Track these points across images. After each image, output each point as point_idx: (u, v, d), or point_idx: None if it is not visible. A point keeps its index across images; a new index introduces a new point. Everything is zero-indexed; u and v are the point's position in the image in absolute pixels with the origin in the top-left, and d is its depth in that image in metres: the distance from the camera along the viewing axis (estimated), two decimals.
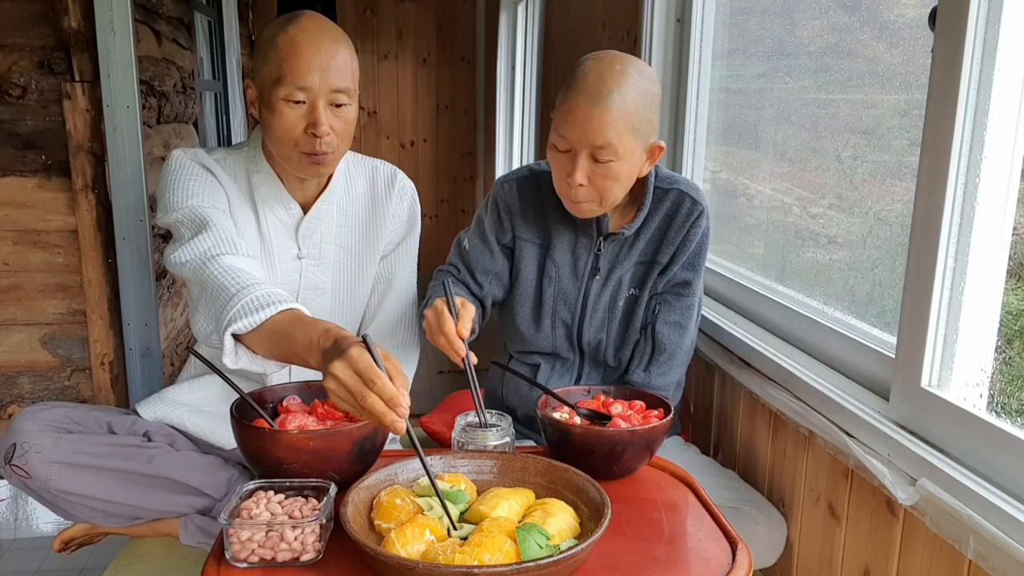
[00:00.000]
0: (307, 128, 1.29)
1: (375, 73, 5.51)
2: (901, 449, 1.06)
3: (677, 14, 2.00)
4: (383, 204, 1.52)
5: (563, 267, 1.49)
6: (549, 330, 1.52)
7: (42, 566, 2.22)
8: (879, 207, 1.36)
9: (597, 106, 1.26)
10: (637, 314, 1.49)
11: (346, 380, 0.93)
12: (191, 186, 1.35)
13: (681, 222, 1.43)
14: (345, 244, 1.51)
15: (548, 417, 1.21)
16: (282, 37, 1.27)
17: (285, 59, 1.26)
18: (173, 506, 1.37)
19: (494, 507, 1.01)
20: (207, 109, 3.70)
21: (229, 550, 0.95)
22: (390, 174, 1.55)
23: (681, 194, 1.44)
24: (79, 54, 2.05)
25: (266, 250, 1.43)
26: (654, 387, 1.47)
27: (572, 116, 1.28)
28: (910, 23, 1.27)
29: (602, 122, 1.26)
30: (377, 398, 0.92)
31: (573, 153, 1.31)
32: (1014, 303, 1.08)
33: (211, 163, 1.39)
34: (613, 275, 1.48)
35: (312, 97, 1.28)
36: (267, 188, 1.41)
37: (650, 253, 1.47)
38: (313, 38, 1.27)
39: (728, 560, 0.99)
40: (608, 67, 1.28)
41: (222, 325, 1.14)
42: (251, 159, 1.42)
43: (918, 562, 1.06)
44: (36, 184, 2.14)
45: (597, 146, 1.28)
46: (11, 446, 1.29)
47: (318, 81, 1.27)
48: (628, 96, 1.27)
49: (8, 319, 2.21)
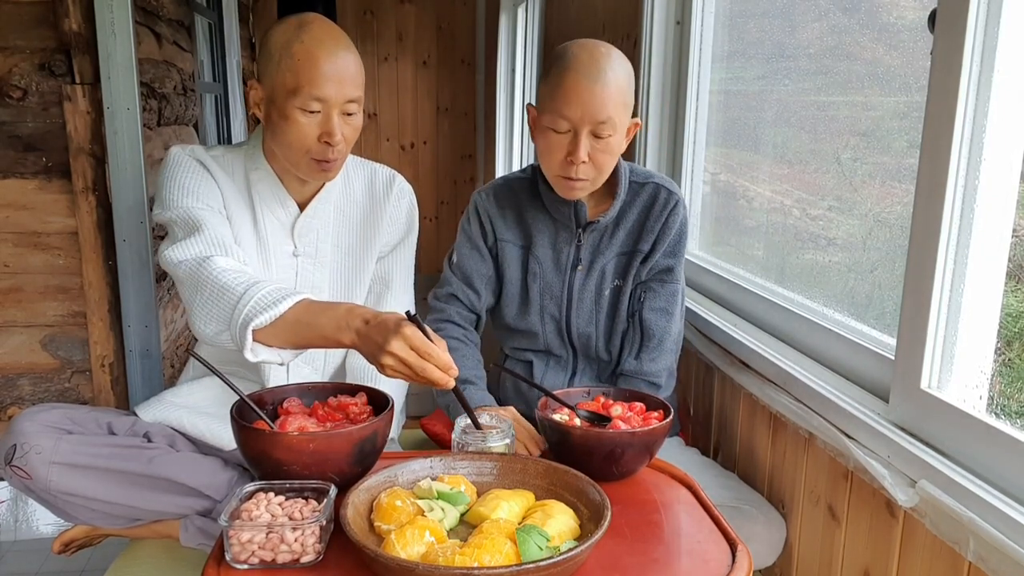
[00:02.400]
0: (321, 137, 1.32)
1: (375, 75, 5.52)
2: (901, 451, 1.06)
3: (677, 16, 2.01)
4: (381, 205, 1.54)
5: (545, 262, 1.53)
6: (539, 326, 1.54)
7: (42, 568, 2.22)
8: (879, 209, 1.36)
9: (597, 82, 1.33)
10: (623, 305, 1.52)
11: (406, 357, 1.09)
12: (187, 184, 1.37)
13: (659, 211, 1.49)
14: (342, 244, 1.52)
15: (548, 419, 1.21)
16: (297, 47, 1.29)
17: (302, 69, 1.29)
18: (173, 507, 1.37)
19: (494, 509, 1.01)
20: (207, 111, 3.71)
21: (229, 551, 0.95)
22: (388, 177, 1.57)
23: (657, 186, 1.50)
24: (80, 56, 2.05)
25: (262, 247, 1.45)
26: (646, 373, 1.50)
27: (575, 95, 1.33)
28: (909, 25, 1.27)
29: (604, 97, 1.33)
30: (434, 367, 1.10)
31: (573, 132, 1.36)
32: (1014, 305, 1.08)
33: (208, 159, 1.41)
34: (596, 265, 1.51)
35: (327, 107, 1.31)
36: (265, 186, 1.43)
37: (630, 244, 1.51)
38: (329, 50, 1.30)
39: (728, 561, 0.99)
40: (595, 48, 1.37)
41: (237, 323, 1.19)
42: (250, 157, 1.44)
43: (918, 564, 1.06)
44: (37, 186, 2.14)
45: (599, 121, 1.34)
46: (11, 447, 1.29)
47: (334, 92, 1.30)
48: (620, 73, 1.36)
49: (8, 321, 2.21)
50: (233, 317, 1.20)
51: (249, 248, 1.43)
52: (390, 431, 1.21)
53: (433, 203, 5.82)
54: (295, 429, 1.12)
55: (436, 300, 1.60)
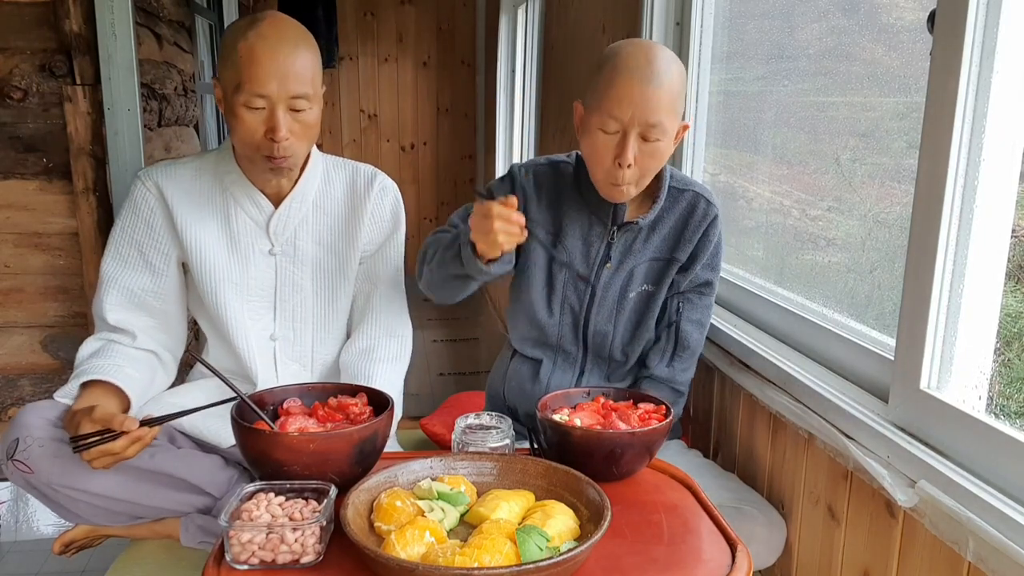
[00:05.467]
0: (266, 133, 1.32)
1: (375, 76, 5.52)
2: (900, 451, 1.06)
3: (676, 17, 2.01)
4: (362, 202, 1.53)
5: (574, 253, 1.51)
6: (557, 316, 1.53)
7: (42, 568, 2.22)
8: (878, 209, 1.36)
9: (650, 85, 1.30)
10: (651, 311, 1.51)
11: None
12: (128, 228, 1.46)
13: (698, 222, 1.48)
14: (324, 242, 1.52)
15: (548, 419, 1.21)
16: (242, 44, 1.29)
17: (244, 66, 1.29)
18: (174, 504, 1.37)
19: (494, 509, 1.01)
20: (208, 112, 3.71)
21: (229, 552, 0.95)
22: (370, 174, 1.56)
23: (696, 195, 1.49)
24: (80, 57, 2.05)
25: (234, 246, 1.45)
26: (677, 382, 1.52)
27: (628, 96, 1.31)
28: (909, 26, 1.27)
29: (656, 100, 1.31)
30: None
31: (622, 134, 1.33)
32: (1013, 305, 1.08)
33: (166, 181, 1.44)
34: (625, 265, 1.50)
35: (271, 104, 1.30)
36: (237, 186, 1.45)
37: (666, 250, 1.50)
38: (271, 46, 1.29)
39: (728, 562, 0.99)
40: (651, 50, 1.34)
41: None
42: (222, 159, 1.46)
43: (917, 564, 1.06)
44: (37, 187, 2.15)
45: (650, 124, 1.32)
46: (14, 440, 1.29)
47: (276, 88, 1.29)
48: (674, 76, 1.33)
49: (9, 321, 2.22)
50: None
51: (220, 250, 1.44)
52: (390, 431, 1.21)
53: (433, 204, 5.82)
54: (295, 430, 1.12)
55: (435, 233, 1.54)
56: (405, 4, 5.51)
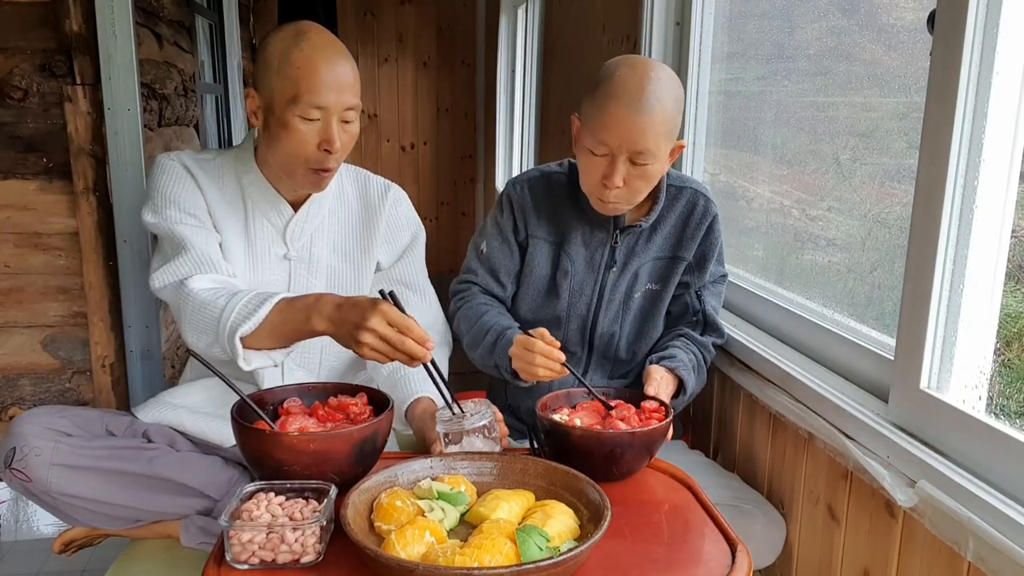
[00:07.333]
0: (320, 144, 1.32)
1: (376, 76, 5.52)
2: (900, 451, 1.06)
3: (676, 17, 2.01)
4: (376, 210, 1.54)
5: (578, 261, 1.52)
6: (564, 324, 1.54)
7: (42, 568, 2.22)
8: (878, 209, 1.36)
9: (639, 113, 1.30)
10: (658, 309, 1.53)
11: (384, 332, 1.12)
12: (170, 192, 1.39)
13: (698, 220, 1.50)
14: (339, 249, 1.52)
15: (548, 419, 1.22)
16: (297, 54, 1.29)
17: (302, 77, 1.29)
18: (174, 507, 1.37)
19: (494, 509, 1.01)
20: (208, 112, 3.71)
21: (229, 552, 0.95)
22: (383, 185, 1.58)
23: (695, 193, 1.51)
24: (80, 57, 2.05)
25: (251, 250, 1.45)
26: (708, 350, 1.53)
27: (614, 124, 1.31)
28: (909, 26, 1.27)
29: (644, 129, 1.30)
30: (412, 341, 1.13)
31: (610, 157, 1.34)
32: (1013, 305, 1.08)
33: (194, 165, 1.42)
34: (629, 267, 1.51)
35: (327, 115, 1.31)
36: (256, 189, 1.44)
37: (669, 249, 1.51)
38: (328, 57, 1.31)
39: (728, 562, 0.99)
40: (645, 75, 1.31)
41: (224, 336, 1.23)
42: (240, 160, 1.45)
43: (917, 564, 1.06)
44: (37, 187, 2.14)
45: (637, 151, 1.32)
46: (11, 450, 1.29)
47: (334, 100, 1.30)
48: (666, 102, 1.32)
49: (9, 321, 2.22)
50: (219, 330, 1.24)
51: (237, 252, 1.44)
52: (390, 431, 1.21)
53: (433, 204, 5.82)
54: (295, 429, 1.12)
55: (459, 284, 1.60)
56: (405, 4, 5.51)
